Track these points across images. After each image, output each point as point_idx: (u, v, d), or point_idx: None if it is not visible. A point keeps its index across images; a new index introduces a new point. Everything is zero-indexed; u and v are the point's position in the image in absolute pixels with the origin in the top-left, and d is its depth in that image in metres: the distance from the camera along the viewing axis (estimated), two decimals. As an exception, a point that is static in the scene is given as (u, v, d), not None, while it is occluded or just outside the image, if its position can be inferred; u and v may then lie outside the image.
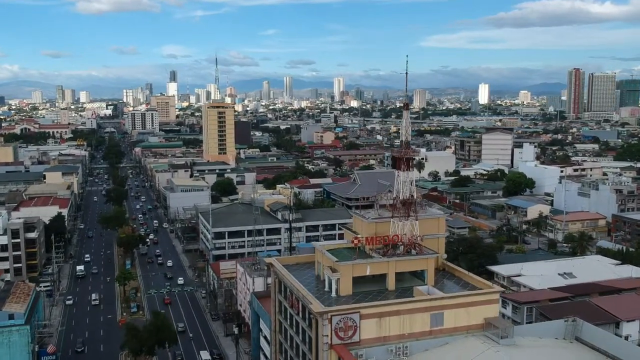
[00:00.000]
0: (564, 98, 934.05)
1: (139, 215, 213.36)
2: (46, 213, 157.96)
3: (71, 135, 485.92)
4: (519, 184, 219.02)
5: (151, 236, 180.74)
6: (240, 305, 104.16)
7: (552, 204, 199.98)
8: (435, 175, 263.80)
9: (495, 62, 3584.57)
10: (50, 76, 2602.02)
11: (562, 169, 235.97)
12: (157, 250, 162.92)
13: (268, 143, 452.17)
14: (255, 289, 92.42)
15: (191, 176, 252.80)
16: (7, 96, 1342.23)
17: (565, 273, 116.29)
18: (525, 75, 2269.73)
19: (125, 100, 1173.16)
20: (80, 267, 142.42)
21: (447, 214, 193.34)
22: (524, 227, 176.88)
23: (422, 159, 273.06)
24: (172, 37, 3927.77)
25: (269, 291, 78.47)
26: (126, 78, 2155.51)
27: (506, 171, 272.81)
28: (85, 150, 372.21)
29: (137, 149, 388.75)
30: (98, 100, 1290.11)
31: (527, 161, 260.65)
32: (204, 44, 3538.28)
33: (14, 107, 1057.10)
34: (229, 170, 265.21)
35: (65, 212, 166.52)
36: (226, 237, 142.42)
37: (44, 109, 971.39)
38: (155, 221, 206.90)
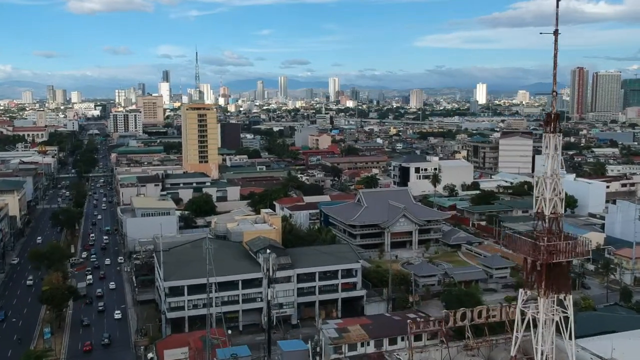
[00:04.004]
0: (565, 98, 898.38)
1: (90, 238, 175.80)
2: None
3: (46, 139, 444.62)
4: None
5: (102, 271, 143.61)
6: None
7: (602, 228, 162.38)
8: (451, 189, 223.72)
9: (490, 62, 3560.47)
10: (43, 76, 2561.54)
11: (607, 184, 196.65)
12: (100, 299, 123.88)
13: (259, 147, 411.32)
14: None
15: (163, 191, 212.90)
16: (0, 96, 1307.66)
17: (683, 360, 78.47)
18: (521, 75, 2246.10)
19: (117, 100, 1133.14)
20: None
21: (475, 244, 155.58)
22: (576, 262, 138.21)
23: (436, 169, 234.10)
24: (167, 37, 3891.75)
25: None
26: (120, 78, 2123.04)
27: (532, 183, 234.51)
28: (53, 157, 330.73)
29: (113, 155, 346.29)
30: (90, 100, 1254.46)
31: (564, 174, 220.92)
32: (199, 44, 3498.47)
33: (1, 108, 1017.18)
34: (208, 184, 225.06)
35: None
36: (185, 292, 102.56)
37: (31, 109, 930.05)
38: (104, 237, 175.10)
